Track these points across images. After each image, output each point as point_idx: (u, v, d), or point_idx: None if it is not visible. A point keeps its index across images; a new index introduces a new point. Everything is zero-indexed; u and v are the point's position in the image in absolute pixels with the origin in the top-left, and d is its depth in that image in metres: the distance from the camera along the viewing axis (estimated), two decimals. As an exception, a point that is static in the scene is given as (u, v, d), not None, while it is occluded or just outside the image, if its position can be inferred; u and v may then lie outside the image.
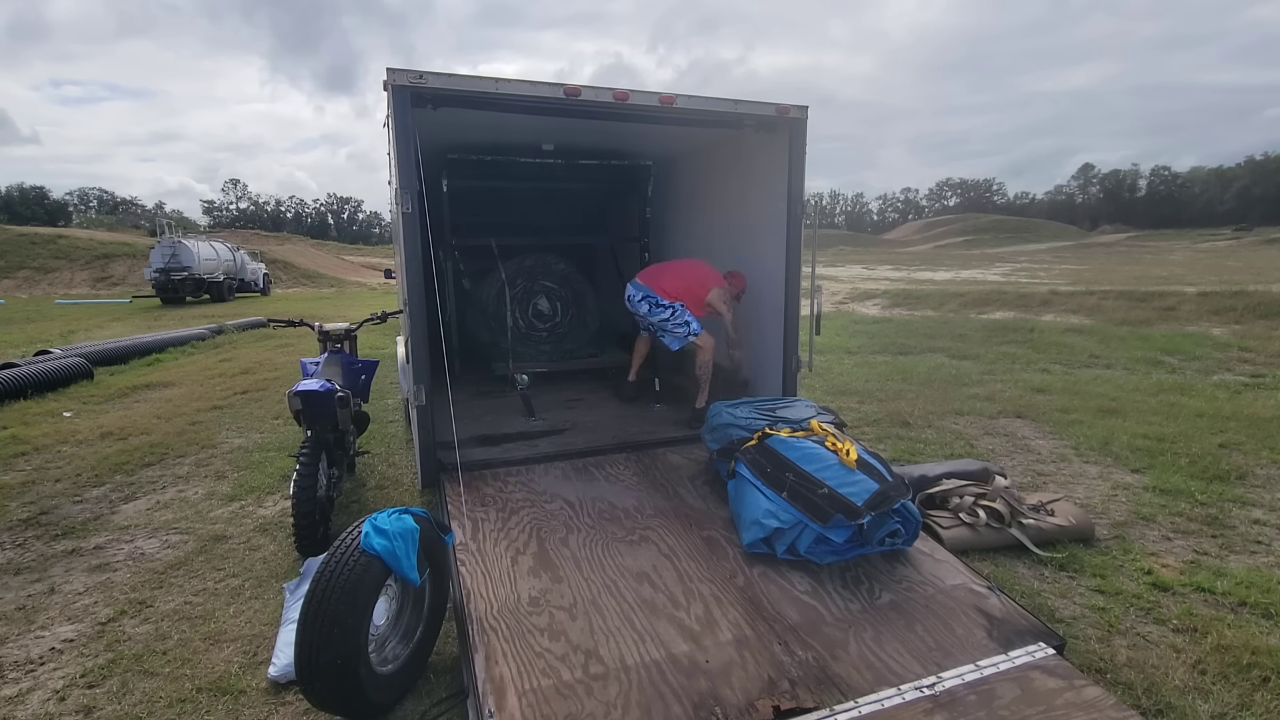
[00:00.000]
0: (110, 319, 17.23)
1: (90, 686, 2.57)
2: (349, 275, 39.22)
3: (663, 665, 2.31)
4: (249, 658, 2.72)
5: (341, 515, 4.00)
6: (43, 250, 31.67)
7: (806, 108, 4.36)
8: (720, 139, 5.42)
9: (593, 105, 3.89)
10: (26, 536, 3.91)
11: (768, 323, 4.90)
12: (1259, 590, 3.10)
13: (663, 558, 3.03)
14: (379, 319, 5.05)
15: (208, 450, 5.52)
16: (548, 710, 2.10)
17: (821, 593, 2.75)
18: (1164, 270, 25.50)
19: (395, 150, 3.60)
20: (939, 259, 46.99)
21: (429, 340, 3.85)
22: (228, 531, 3.94)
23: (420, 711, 2.37)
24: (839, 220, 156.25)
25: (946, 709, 2.12)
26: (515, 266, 6.53)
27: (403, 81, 3.51)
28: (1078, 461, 4.98)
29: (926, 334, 11.48)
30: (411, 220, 3.63)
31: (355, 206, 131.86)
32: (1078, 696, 2.16)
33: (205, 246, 23.04)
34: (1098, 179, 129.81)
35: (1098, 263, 36.08)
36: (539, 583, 2.81)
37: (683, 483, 3.83)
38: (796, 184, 4.45)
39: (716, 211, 5.77)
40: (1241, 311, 11.20)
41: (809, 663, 2.34)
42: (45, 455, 5.38)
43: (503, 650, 2.37)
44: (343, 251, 56.57)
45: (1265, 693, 2.41)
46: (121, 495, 4.57)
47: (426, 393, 3.82)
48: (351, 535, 2.26)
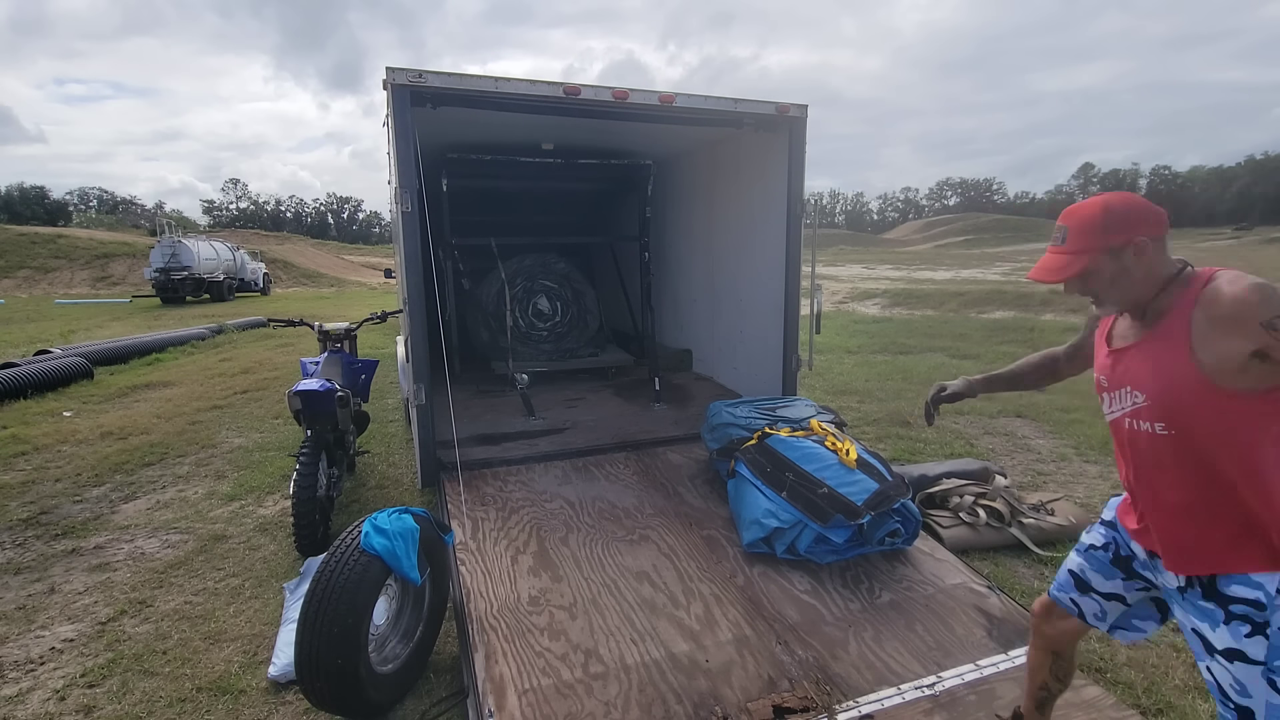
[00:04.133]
0: (110, 319, 17.23)
1: (90, 686, 2.57)
2: (349, 275, 39.21)
3: (663, 664, 2.31)
4: (249, 657, 2.72)
5: (341, 515, 4.00)
6: (43, 250, 31.66)
7: (806, 106, 4.36)
8: (720, 138, 5.41)
9: (592, 104, 3.89)
10: (26, 536, 3.91)
11: (768, 322, 4.90)
12: (1259, 590, 3.09)
13: (663, 557, 3.03)
14: (379, 318, 5.05)
15: (208, 450, 5.52)
16: (548, 710, 2.10)
17: (821, 592, 2.75)
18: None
19: (395, 149, 3.60)
20: (939, 258, 46.98)
21: (429, 340, 3.85)
22: (228, 531, 3.94)
23: (420, 711, 2.37)
24: (839, 219, 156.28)
25: (946, 709, 2.12)
26: (515, 266, 6.52)
27: (402, 81, 3.51)
28: (1078, 461, 4.98)
29: (927, 333, 11.48)
30: (411, 219, 3.63)
31: (355, 206, 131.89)
32: (1077, 696, 2.16)
33: (205, 246, 23.03)
34: (1098, 178, 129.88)
35: (1098, 262, 35.97)
36: (539, 582, 2.81)
37: (683, 482, 3.83)
38: (796, 183, 4.45)
39: (716, 211, 5.77)
40: (1242, 311, 11.18)
41: (809, 662, 2.34)
42: (45, 455, 5.38)
43: (503, 650, 2.37)
44: (343, 251, 56.57)
45: (1265, 692, 2.41)
46: (121, 495, 4.57)
47: (426, 392, 3.81)
48: (351, 535, 2.26)
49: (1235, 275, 1.31)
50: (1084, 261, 1.39)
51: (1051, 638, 1.81)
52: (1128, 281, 1.39)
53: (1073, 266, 1.40)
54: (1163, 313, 1.39)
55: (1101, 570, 1.66)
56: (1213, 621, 1.39)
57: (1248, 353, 1.25)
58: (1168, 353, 1.36)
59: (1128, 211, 1.38)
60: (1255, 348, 1.24)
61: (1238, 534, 1.36)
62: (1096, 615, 1.69)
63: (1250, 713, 1.35)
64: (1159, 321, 1.40)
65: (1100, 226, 1.38)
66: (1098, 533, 1.71)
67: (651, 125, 4.84)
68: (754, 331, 5.22)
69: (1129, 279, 1.39)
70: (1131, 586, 1.63)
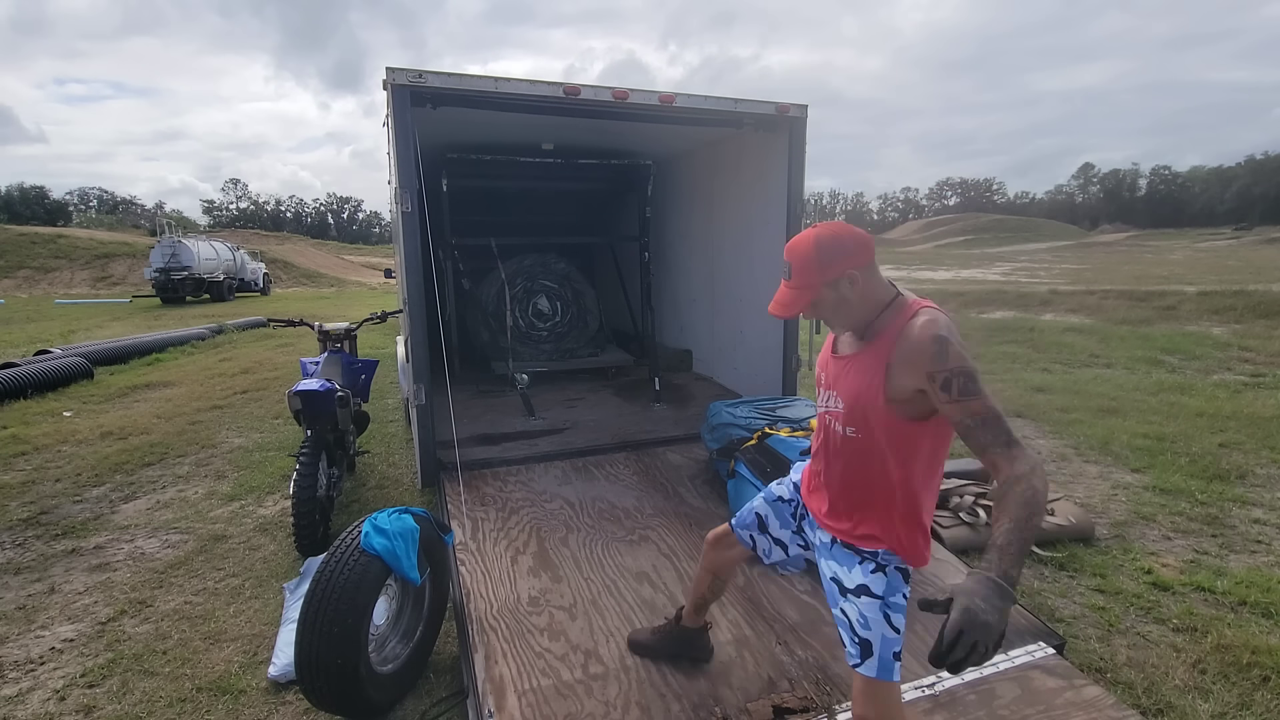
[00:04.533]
0: (110, 319, 17.23)
1: (90, 686, 2.57)
2: (349, 275, 39.21)
3: (663, 665, 2.31)
4: (249, 657, 2.72)
5: (341, 515, 4.00)
6: (43, 250, 31.66)
7: (806, 106, 4.36)
8: (720, 138, 5.41)
9: (592, 104, 3.89)
10: (26, 536, 3.91)
11: (768, 322, 4.90)
12: (1259, 590, 3.10)
13: (662, 557, 3.03)
14: (379, 319, 5.05)
15: (208, 450, 5.52)
16: (547, 710, 2.10)
17: (821, 592, 2.75)
18: (1164, 270, 25.50)
19: (395, 149, 3.59)
20: (939, 258, 46.98)
21: (429, 340, 3.85)
22: (228, 531, 3.94)
23: (420, 711, 2.37)
24: (839, 219, 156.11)
25: (946, 709, 2.12)
26: (515, 266, 6.53)
27: (402, 81, 3.51)
28: (1078, 461, 4.98)
29: (926, 333, 11.44)
30: (411, 219, 3.63)
31: (355, 206, 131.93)
32: (1077, 696, 2.16)
33: (205, 246, 23.01)
34: (1098, 178, 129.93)
35: (1098, 262, 36.07)
36: (539, 582, 2.82)
37: (683, 482, 3.83)
38: (796, 183, 4.45)
39: (716, 210, 5.77)
40: (1242, 311, 11.20)
41: (809, 662, 2.34)
42: (45, 455, 5.38)
43: (502, 650, 2.37)
44: (343, 251, 56.58)
45: (1265, 692, 2.41)
46: (121, 495, 4.57)
47: (426, 392, 3.81)
48: (351, 535, 2.26)
49: (928, 320, 1.47)
50: (808, 295, 1.56)
51: (717, 562, 2.11)
52: (848, 309, 1.57)
53: (800, 301, 1.58)
54: (877, 333, 1.56)
55: (781, 519, 1.94)
56: (849, 563, 1.66)
57: (914, 389, 1.47)
58: (867, 374, 1.55)
59: (836, 247, 1.52)
60: (919, 388, 1.46)
61: (881, 516, 1.62)
62: (765, 551, 1.97)
63: (870, 644, 1.58)
64: (872, 342, 1.56)
65: (815, 263, 1.53)
66: (787, 487, 1.96)
67: (651, 125, 4.84)
68: (754, 331, 5.22)
69: (849, 306, 1.56)
70: (796, 540, 1.93)
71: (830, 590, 1.73)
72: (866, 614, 1.60)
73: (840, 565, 1.69)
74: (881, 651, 1.58)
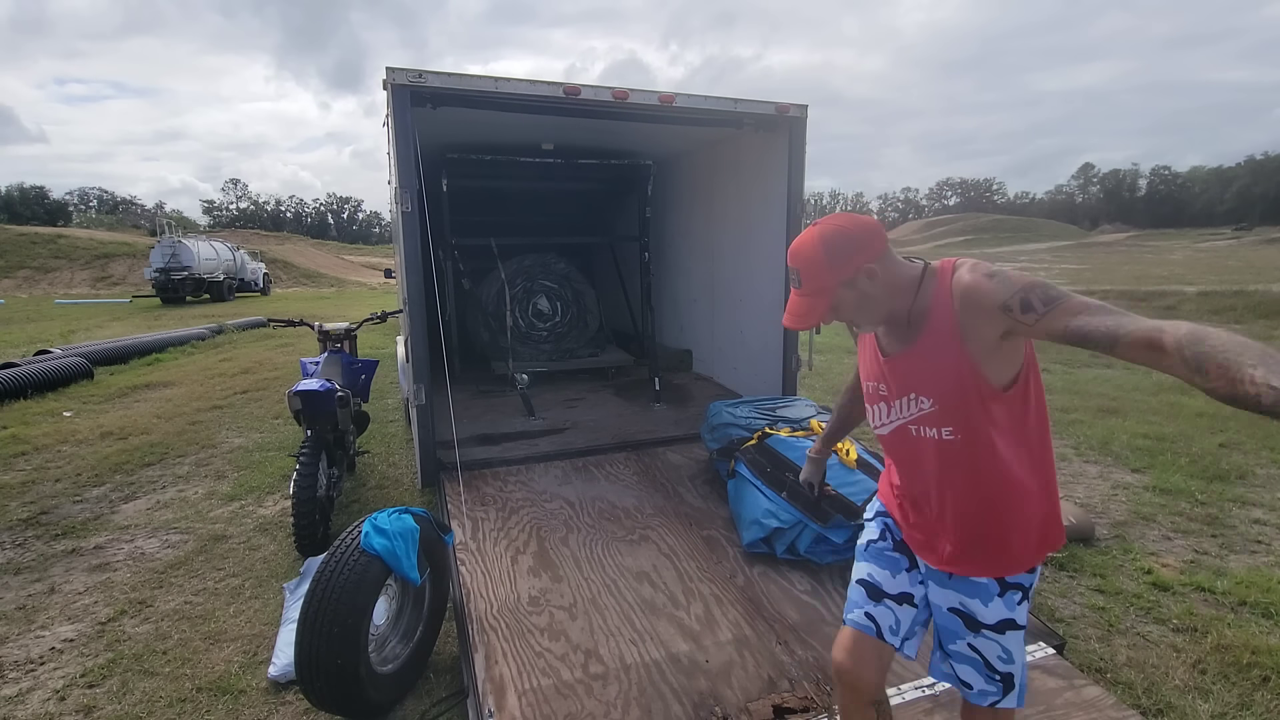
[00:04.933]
0: (110, 319, 17.24)
1: (90, 686, 2.57)
2: (349, 275, 39.23)
3: (663, 665, 2.31)
4: (249, 657, 2.72)
5: (341, 515, 4.00)
6: (43, 250, 31.68)
7: (806, 106, 4.37)
8: (720, 138, 5.42)
9: (592, 104, 3.89)
10: (26, 536, 3.91)
11: (768, 322, 4.90)
12: (1259, 590, 3.10)
13: (663, 557, 3.03)
14: (379, 319, 5.05)
15: (208, 450, 5.52)
16: (547, 710, 2.10)
17: (821, 592, 2.75)
18: (1164, 270, 25.50)
19: (395, 149, 3.60)
20: (939, 258, 46.96)
21: (429, 340, 3.85)
22: (228, 531, 3.94)
23: (420, 711, 2.37)
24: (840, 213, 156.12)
25: (946, 709, 2.12)
26: (515, 266, 6.53)
27: (402, 81, 3.51)
28: (1078, 461, 4.98)
29: (926, 333, 11.45)
30: (411, 220, 3.63)
31: (355, 206, 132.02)
32: (1077, 696, 2.16)
33: (205, 246, 23.04)
34: (1098, 178, 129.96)
35: (1098, 262, 36.08)
36: (539, 582, 2.82)
37: (683, 482, 3.83)
38: (796, 183, 4.45)
39: (716, 210, 5.77)
40: (1242, 311, 11.21)
41: (809, 662, 2.33)
42: (45, 455, 5.38)
43: (503, 650, 2.37)
44: (343, 251, 56.61)
45: (1265, 692, 2.41)
46: (121, 495, 4.57)
47: (426, 392, 3.82)
48: (351, 535, 2.26)
49: (970, 265, 1.33)
50: (825, 300, 1.38)
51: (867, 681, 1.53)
52: (873, 304, 1.39)
53: (817, 309, 1.39)
54: (927, 310, 1.37)
55: (888, 565, 1.57)
56: (986, 596, 1.42)
57: (997, 336, 1.28)
58: (944, 353, 1.34)
59: (845, 242, 1.36)
60: (1001, 330, 1.26)
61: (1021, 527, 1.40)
62: (892, 628, 1.53)
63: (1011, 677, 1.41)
64: (927, 321, 1.37)
65: (825, 265, 1.36)
66: (875, 526, 1.65)
67: (651, 125, 4.84)
68: (754, 331, 5.22)
69: (873, 301, 1.39)
70: (914, 578, 1.56)
71: (950, 624, 1.46)
72: (1010, 648, 1.40)
73: (970, 597, 1.44)
74: (1021, 679, 1.41)
